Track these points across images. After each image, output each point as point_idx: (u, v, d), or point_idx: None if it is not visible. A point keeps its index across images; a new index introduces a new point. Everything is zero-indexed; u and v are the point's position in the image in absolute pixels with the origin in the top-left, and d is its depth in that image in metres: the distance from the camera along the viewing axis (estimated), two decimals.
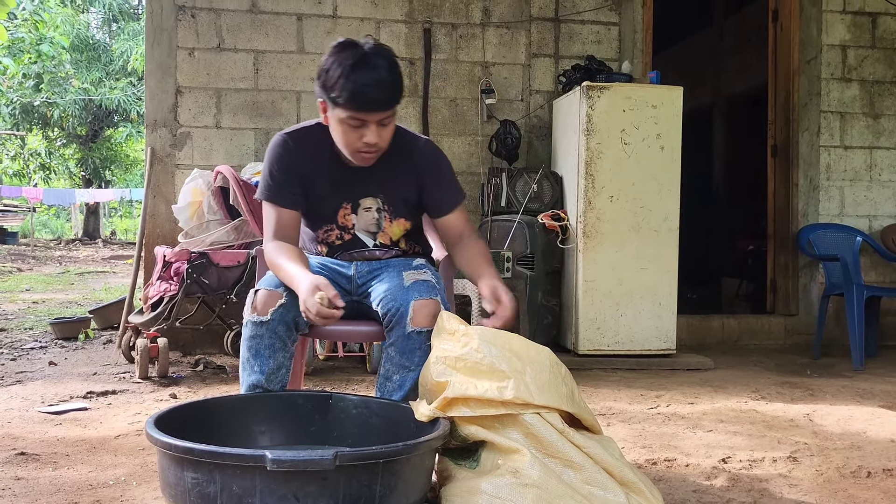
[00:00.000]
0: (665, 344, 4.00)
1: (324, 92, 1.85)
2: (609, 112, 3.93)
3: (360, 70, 1.78)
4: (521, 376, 1.61)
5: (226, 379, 3.48)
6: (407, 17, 4.44)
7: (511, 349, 1.65)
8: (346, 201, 2.00)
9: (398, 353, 1.82)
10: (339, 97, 1.80)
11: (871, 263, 4.86)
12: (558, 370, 1.70)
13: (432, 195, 2.02)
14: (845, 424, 2.81)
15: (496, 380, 1.60)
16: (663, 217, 3.98)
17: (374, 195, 2.00)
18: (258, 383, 1.81)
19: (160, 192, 4.21)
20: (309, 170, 1.96)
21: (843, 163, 4.88)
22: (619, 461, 1.66)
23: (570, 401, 1.67)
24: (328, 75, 1.82)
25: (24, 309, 6.24)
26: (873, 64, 4.91)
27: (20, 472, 2.10)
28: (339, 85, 1.78)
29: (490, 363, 1.61)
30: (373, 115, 1.82)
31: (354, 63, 1.79)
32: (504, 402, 1.59)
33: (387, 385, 1.84)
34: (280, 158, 1.96)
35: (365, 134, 1.84)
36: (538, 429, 1.60)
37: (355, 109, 1.80)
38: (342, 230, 2.02)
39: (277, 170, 1.95)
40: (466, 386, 1.60)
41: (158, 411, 1.62)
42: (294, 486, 1.35)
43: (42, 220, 23.74)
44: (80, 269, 10.98)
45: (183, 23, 4.22)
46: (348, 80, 1.78)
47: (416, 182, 2.01)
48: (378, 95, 1.80)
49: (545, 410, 1.62)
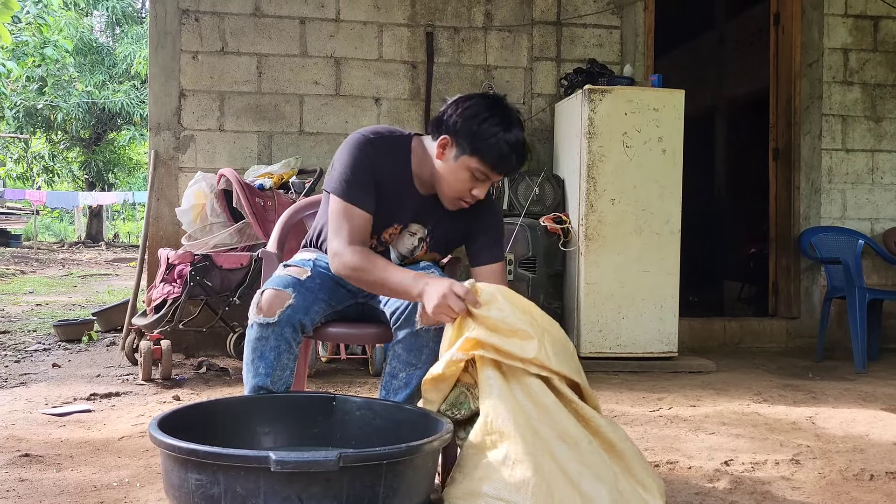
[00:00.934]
0: (667, 347, 4.01)
1: (461, 134, 1.82)
2: (611, 115, 3.93)
3: (511, 130, 1.80)
4: (541, 339, 1.65)
5: (228, 381, 3.49)
6: (409, 20, 4.45)
7: (531, 313, 1.68)
8: (398, 221, 1.98)
9: (405, 350, 1.83)
10: (482, 150, 1.79)
11: (873, 266, 4.86)
12: (568, 345, 1.75)
13: (480, 249, 2.03)
14: (848, 427, 2.81)
15: (518, 338, 1.63)
16: (665, 220, 3.99)
17: (423, 224, 1.99)
18: (263, 385, 1.81)
19: (163, 195, 4.23)
20: (383, 180, 1.91)
21: (845, 166, 4.88)
22: (624, 442, 1.69)
23: (578, 375, 1.72)
24: (475, 122, 1.80)
25: (28, 311, 6.25)
26: (875, 67, 4.92)
27: (24, 473, 2.11)
28: (491, 141, 1.79)
29: (513, 322, 1.64)
30: (501, 175, 1.86)
31: (507, 121, 1.81)
32: (524, 359, 1.62)
33: (392, 383, 1.85)
34: (364, 158, 1.89)
35: (478, 187, 1.86)
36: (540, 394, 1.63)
37: (492, 168, 1.82)
38: (380, 244, 2.01)
39: (360, 169, 1.88)
40: (490, 335, 1.63)
41: (162, 413, 1.62)
42: (297, 487, 1.35)
43: (45, 223, 23.79)
44: (83, 272, 11.00)
45: (186, 26, 4.24)
46: (500, 137, 1.79)
47: (467, 230, 2.02)
48: (518, 162, 1.84)
49: (558, 378, 1.66)
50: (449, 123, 1.84)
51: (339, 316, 2.00)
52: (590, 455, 1.61)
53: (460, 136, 1.82)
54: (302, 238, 2.20)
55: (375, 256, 1.83)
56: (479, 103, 1.83)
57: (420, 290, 1.71)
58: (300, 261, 1.99)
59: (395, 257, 2.03)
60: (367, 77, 4.40)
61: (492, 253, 2.03)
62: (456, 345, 1.65)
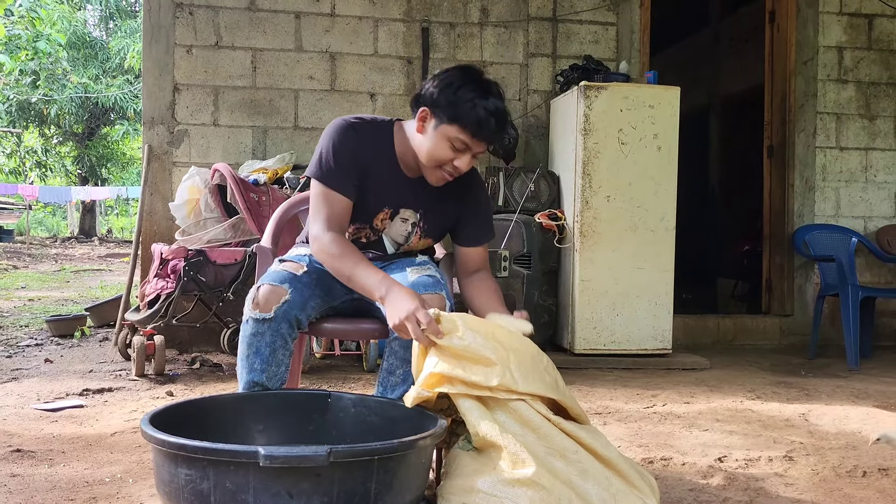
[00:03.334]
0: (661, 343, 4.01)
1: (439, 105, 1.81)
2: (606, 112, 3.93)
3: (489, 98, 1.79)
4: (505, 364, 1.62)
5: (222, 377, 3.48)
6: (405, 15, 4.44)
7: (495, 337, 1.66)
8: (388, 207, 1.97)
9: (402, 346, 1.82)
10: (461, 116, 1.78)
11: (867, 264, 4.88)
12: (540, 359, 1.72)
13: (466, 226, 2.03)
14: (840, 424, 2.82)
15: (482, 365, 1.61)
16: (660, 217, 3.99)
17: (414, 209, 1.99)
18: (258, 381, 1.80)
19: (157, 190, 4.21)
20: (368, 165, 1.91)
21: (839, 164, 4.90)
22: (606, 448, 1.68)
23: (554, 389, 1.69)
24: (451, 90, 1.79)
25: (20, 306, 6.22)
26: (869, 65, 4.93)
27: (16, 469, 2.10)
28: (467, 106, 1.77)
29: (475, 350, 1.62)
30: (481, 144, 1.83)
31: (483, 89, 1.80)
32: (490, 388, 1.60)
33: (389, 379, 1.84)
34: (346, 142, 1.88)
35: (460, 158, 1.84)
36: (525, 413, 1.62)
37: (471, 134, 1.79)
38: (373, 231, 2.00)
39: (341, 154, 1.87)
40: (454, 366, 1.61)
41: (155, 409, 1.61)
42: (287, 482, 1.35)
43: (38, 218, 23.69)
44: (76, 267, 10.95)
45: (181, 20, 4.21)
46: (477, 103, 1.77)
47: (457, 211, 2.02)
48: (498, 129, 1.81)
49: (530, 398, 1.64)
50: (426, 96, 1.84)
51: (335, 311, 1.99)
52: (580, 462, 1.61)
53: (438, 107, 1.81)
54: (296, 233, 2.19)
55: (350, 248, 1.82)
56: (455, 73, 1.84)
57: (382, 295, 1.71)
58: (296, 256, 1.99)
59: (389, 245, 2.02)
60: (362, 72, 4.39)
61: (479, 234, 2.05)
62: (420, 379, 1.63)
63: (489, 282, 2.02)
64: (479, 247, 2.05)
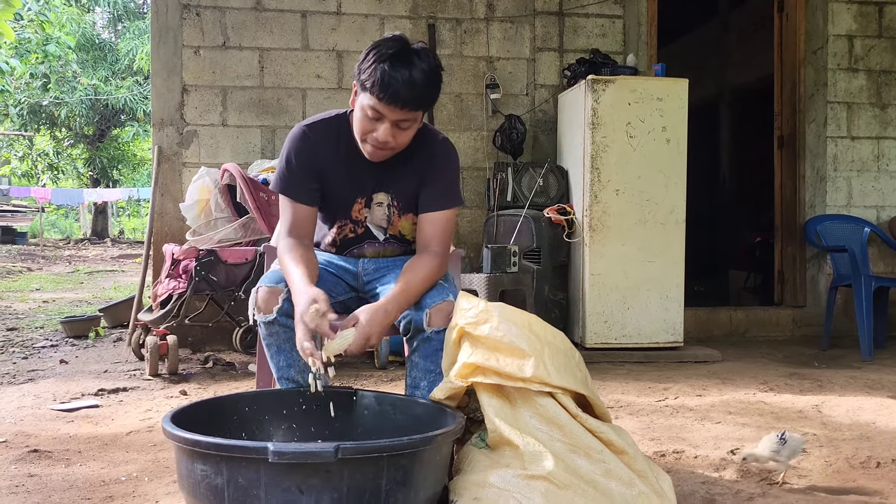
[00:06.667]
0: (672, 336, 4.00)
1: (358, 73, 1.82)
2: (614, 105, 3.92)
3: (397, 63, 1.75)
4: (540, 356, 1.63)
5: (235, 375, 3.50)
6: (411, 12, 4.44)
7: (530, 329, 1.67)
8: (360, 196, 1.98)
9: (422, 357, 1.82)
10: (367, 81, 1.77)
11: (879, 254, 4.84)
12: (573, 354, 1.74)
13: (425, 190, 1.97)
14: (854, 415, 2.80)
15: (516, 357, 1.62)
16: (669, 210, 3.98)
17: (385, 191, 1.98)
18: (287, 376, 1.83)
19: (168, 191, 4.23)
20: (327, 163, 1.93)
21: (851, 153, 4.86)
22: (632, 447, 1.68)
23: (585, 385, 1.70)
24: (366, 57, 1.79)
25: (35, 308, 6.28)
26: (880, 53, 4.88)
27: (33, 469, 2.13)
28: (373, 69, 1.76)
29: (510, 341, 1.63)
30: (393, 111, 1.77)
31: (395, 54, 1.77)
32: (523, 378, 1.61)
33: (416, 394, 1.83)
34: (299, 151, 1.91)
35: (378, 129, 1.81)
36: (552, 411, 1.62)
37: (378, 99, 1.76)
38: (355, 224, 2.01)
39: (296, 163, 1.91)
40: (487, 357, 1.62)
41: (177, 407, 1.63)
42: (297, 478, 1.36)
43: (51, 220, 23.86)
44: (89, 269, 11.04)
45: (188, 21, 4.23)
46: (382, 68, 1.75)
47: (419, 179, 1.98)
48: (405, 92, 1.75)
49: (561, 392, 1.64)
50: (356, 69, 1.84)
51: (343, 308, 2.00)
52: (605, 462, 1.61)
53: (357, 76, 1.82)
54: None
55: (292, 258, 1.82)
56: (372, 44, 1.82)
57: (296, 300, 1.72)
58: None
59: (378, 232, 2.03)
60: None
61: (432, 201, 1.95)
62: (454, 369, 1.64)
63: (426, 263, 1.87)
64: (434, 213, 1.95)
